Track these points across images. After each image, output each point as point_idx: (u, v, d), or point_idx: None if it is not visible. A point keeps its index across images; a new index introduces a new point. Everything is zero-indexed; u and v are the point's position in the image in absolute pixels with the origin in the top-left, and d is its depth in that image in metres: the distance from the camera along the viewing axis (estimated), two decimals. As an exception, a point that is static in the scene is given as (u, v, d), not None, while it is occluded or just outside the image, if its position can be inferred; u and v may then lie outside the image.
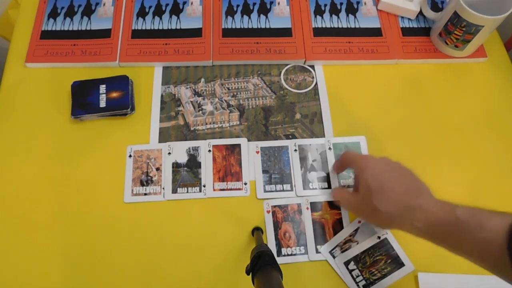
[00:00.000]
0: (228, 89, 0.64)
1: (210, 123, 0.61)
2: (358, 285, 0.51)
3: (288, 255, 0.53)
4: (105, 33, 0.66)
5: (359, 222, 0.54)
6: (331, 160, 0.59)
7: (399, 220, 0.45)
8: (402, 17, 0.69)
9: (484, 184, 0.58)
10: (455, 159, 0.60)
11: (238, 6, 0.69)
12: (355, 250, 0.53)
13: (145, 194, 0.56)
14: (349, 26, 0.68)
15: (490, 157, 0.60)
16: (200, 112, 0.62)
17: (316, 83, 0.65)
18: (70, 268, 0.52)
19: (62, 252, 0.53)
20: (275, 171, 0.58)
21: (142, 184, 0.56)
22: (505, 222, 0.37)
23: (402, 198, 0.45)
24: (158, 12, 0.68)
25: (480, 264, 0.39)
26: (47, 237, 0.53)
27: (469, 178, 0.58)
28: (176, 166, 0.58)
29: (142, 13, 0.68)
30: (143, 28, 0.67)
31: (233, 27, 0.67)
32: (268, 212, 0.55)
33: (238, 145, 0.59)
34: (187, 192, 0.56)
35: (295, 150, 0.59)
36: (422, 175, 0.58)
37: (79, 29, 0.66)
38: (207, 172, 0.57)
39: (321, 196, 0.56)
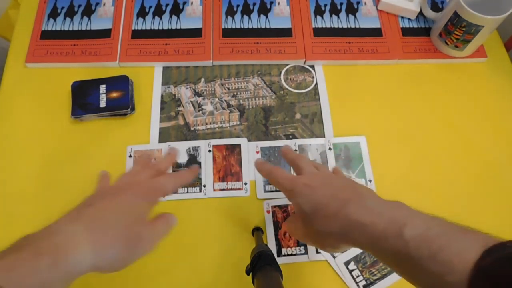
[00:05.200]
0: (228, 89, 0.64)
1: (210, 123, 0.61)
2: (358, 285, 0.51)
3: (288, 255, 0.53)
4: (105, 33, 0.66)
5: None
6: (331, 160, 0.59)
7: (345, 238, 0.37)
8: (402, 17, 0.69)
9: (484, 183, 0.58)
10: (454, 159, 0.60)
11: (238, 6, 0.69)
12: (355, 250, 0.53)
13: (145, 194, 0.56)
14: (349, 26, 0.68)
15: (490, 157, 0.60)
16: (200, 112, 0.62)
17: (316, 83, 0.65)
18: (70, 268, 0.52)
19: (62, 252, 0.53)
20: (275, 171, 0.58)
21: (142, 184, 0.56)
22: (467, 257, 0.28)
23: (338, 212, 0.36)
24: (158, 12, 0.68)
25: None
26: (47, 237, 0.53)
27: (469, 177, 0.58)
28: (176, 166, 0.58)
29: (142, 13, 0.68)
30: (143, 28, 0.67)
31: (233, 27, 0.67)
32: (268, 212, 0.55)
33: (238, 145, 0.59)
34: (187, 192, 0.56)
35: (295, 150, 0.59)
36: (421, 174, 0.59)
37: (79, 29, 0.66)
38: (207, 172, 0.57)
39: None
